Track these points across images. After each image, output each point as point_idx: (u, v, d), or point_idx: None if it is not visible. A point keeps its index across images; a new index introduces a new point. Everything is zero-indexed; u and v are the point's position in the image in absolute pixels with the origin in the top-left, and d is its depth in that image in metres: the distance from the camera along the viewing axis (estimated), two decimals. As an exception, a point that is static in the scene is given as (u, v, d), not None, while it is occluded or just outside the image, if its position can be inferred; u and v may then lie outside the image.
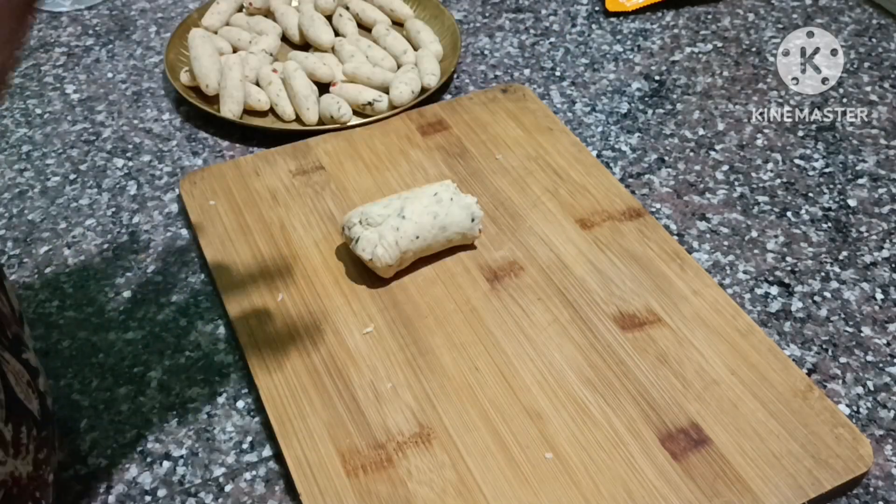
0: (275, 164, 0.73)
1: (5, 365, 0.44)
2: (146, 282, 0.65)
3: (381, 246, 0.60)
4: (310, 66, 0.80)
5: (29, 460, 0.44)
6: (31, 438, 0.44)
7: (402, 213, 0.61)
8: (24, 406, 0.44)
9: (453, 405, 0.54)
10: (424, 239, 0.61)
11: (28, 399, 0.45)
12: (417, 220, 0.61)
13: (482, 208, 0.65)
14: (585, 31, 0.92)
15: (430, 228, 0.61)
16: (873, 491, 0.52)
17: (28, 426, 0.44)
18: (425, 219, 0.61)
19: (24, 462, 0.43)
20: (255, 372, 0.56)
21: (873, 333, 0.61)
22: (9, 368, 0.44)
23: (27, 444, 0.44)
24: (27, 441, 0.44)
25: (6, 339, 0.46)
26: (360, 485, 0.50)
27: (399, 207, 0.61)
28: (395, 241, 0.60)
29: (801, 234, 0.68)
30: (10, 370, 0.45)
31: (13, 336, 0.47)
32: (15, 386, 0.44)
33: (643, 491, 0.50)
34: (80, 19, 0.95)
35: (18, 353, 0.47)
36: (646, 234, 0.66)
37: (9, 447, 0.42)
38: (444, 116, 0.77)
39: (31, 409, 0.45)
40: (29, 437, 0.44)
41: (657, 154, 0.76)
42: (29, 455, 0.44)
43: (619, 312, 0.60)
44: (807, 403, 0.54)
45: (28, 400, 0.45)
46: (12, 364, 0.45)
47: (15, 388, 0.44)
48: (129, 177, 0.75)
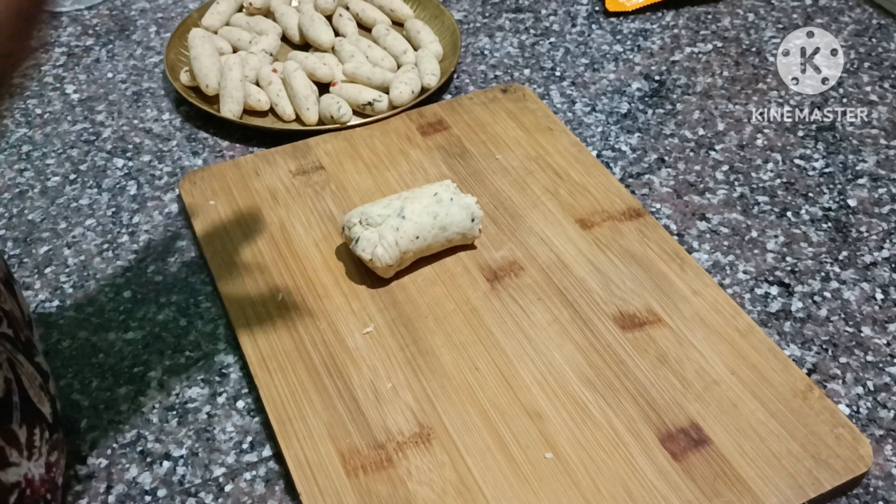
0: (275, 164, 0.73)
1: (19, 368, 0.44)
2: (146, 282, 0.65)
3: (380, 246, 0.60)
4: (310, 66, 0.80)
5: (41, 462, 0.44)
6: (43, 441, 0.44)
7: (402, 214, 0.61)
8: (37, 408, 0.44)
9: (453, 405, 0.54)
10: (424, 239, 0.61)
11: (41, 402, 0.45)
12: (417, 221, 0.61)
13: (482, 208, 0.65)
14: (585, 31, 0.92)
15: (430, 228, 0.61)
16: (873, 491, 0.52)
17: (41, 428, 0.44)
18: (425, 219, 0.61)
19: (36, 464, 0.43)
20: (255, 372, 0.56)
21: (873, 333, 0.61)
22: (23, 371, 0.44)
23: (39, 446, 0.44)
24: (40, 443, 0.44)
25: (20, 343, 0.46)
26: (360, 485, 0.50)
27: (399, 207, 0.61)
28: (394, 241, 0.60)
29: (801, 234, 0.68)
30: (24, 373, 0.45)
31: (26, 339, 0.47)
32: (28, 389, 0.44)
33: (643, 491, 0.50)
34: (80, 19, 0.95)
35: (31, 357, 0.47)
36: (646, 234, 0.66)
37: (23, 449, 0.42)
38: (444, 116, 0.77)
39: (43, 411, 0.45)
40: (41, 439, 0.44)
41: (657, 154, 0.76)
42: (41, 458, 0.44)
43: (619, 312, 0.60)
44: (807, 403, 0.54)
45: (41, 403, 0.45)
46: (26, 367, 0.45)
47: (28, 390, 0.44)
48: (129, 177, 0.75)
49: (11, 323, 0.46)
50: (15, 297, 0.48)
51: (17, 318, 0.47)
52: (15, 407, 0.42)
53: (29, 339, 0.48)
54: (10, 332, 0.46)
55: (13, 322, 0.47)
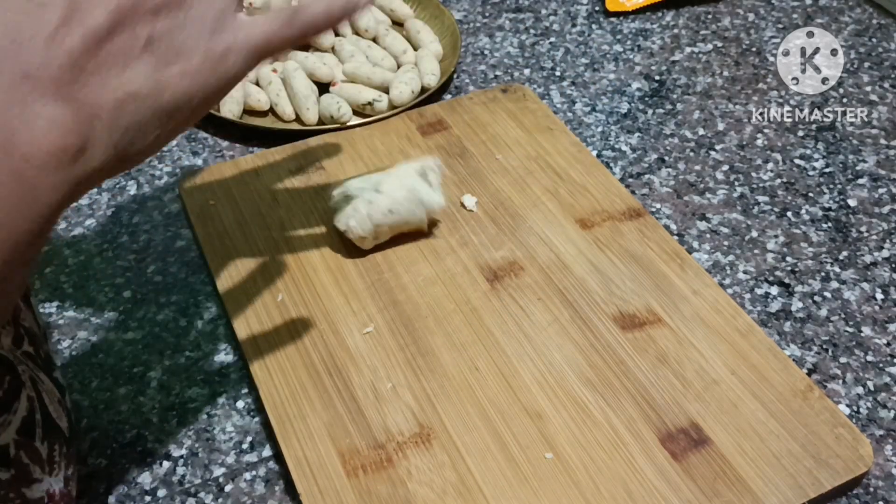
0: (275, 164, 0.73)
1: (40, 385, 0.44)
2: (146, 282, 0.65)
3: (353, 218, 0.61)
4: (310, 66, 0.80)
5: (61, 477, 0.44)
6: (62, 455, 0.44)
7: (378, 188, 0.63)
8: (56, 424, 0.44)
9: (453, 405, 0.54)
10: (399, 213, 0.62)
11: (59, 417, 0.45)
12: (392, 195, 0.62)
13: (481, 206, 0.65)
14: (585, 31, 0.92)
15: (405, 203, 0.62)
16: (873, 491, 0.52)
17: (60, 444, 0.44)
18: (400, 193, 0.62)
19: (56, 479, 0.43)
20: (255, 372, 0.56)
21: (873, 333, 0.61)
22: (43, 388, 0.44)
23: (59, 461, 0.44)
24: (59, 459, 0.44)
25: (40, 359, 0.46)
26: (360, 485, 0.50)
27: (377, 182, 0.63)
28: (367, 214, 0.61)
29: (801, 234, 0.68)
30: (45, 390, 0.44)
31: (45, 355, 0.47)
32: (49, 405, 0.44)
33: (643, 491, 0.50)
34: (80, 19, 0.95)
35: (50, 372, 0.47)
36: (646, 234, 0.66)
37: (44, 465, 0.42)
38: (444, 116, 0.77)
39: (61, 426, 0.45)
40: (60, 454, 0.44)
41: (657, 154, 0.76)
42: (60, 472, 0.44)
43: (619, 312, 0.60)
44: (807, 403, 0.54)
45: (59, 418, 0.45)
46: (46, 384, 0.45)
47: (48, 406, 0.44)
48: (129, 177, 0.75)
49: (32, 340, 0.46)
50: (32, 312, 0.48)
51: (35, 333, 0.47)
52: (37, 424, 0.42)
53: (48, 355, 0.48)
54: (31, 349, 0.46)
55: (34, 339, 0.47)
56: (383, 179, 0.63)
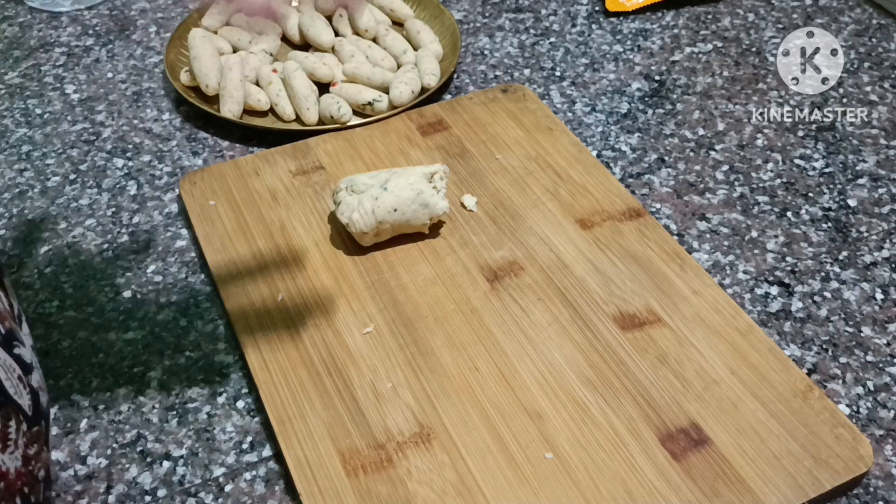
0: (275, 164, 0.73)
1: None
2: (146, 282, 0.65)
3: (357, 212, 0.61)
4: (310, 66, 0.80)
5: (17, 455, 0.44)
6: (20, 433, 0.44)
7: (386, 186, 0.63)
8: (13, 400, 0.44)
9: (453, 405, 0.54)
10: (403, 213, 0.62)
11: (18, 394, 0.45)
12: (399, 194, 0.62)
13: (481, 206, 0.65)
14: (585, 31, 0.92)
15: (410, 204, 0.62)
16: (873, 491, 0.52)
17: (17, 420, 0.44)
18: (407, 194, 0.62)
19: (11, 457, 0.43)
20: (255, 372, 0.56)
21: (873, 333, 0.61)
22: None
23: (15, 438, 0.44)
24: (16, 436, 0.44)
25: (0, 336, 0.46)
26: (360, 485, 0.50)
27: (385, 179, 0.63)
28: (371, 210, 0.62)
29: (801, 234, 0.68)
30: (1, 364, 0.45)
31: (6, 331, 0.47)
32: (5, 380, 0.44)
33: (643, 491, 0.50)
34: (80, 19, 0.95)
35: (10, 348, 0.47)
36: (646, 234, 0.66)
37: None
38: (444, 116, 0.77)
39: (21, 403, 0.45)
40: (18, 431, 0.44)
41: (657, 154, 0.76)
42: (17, 450, 0.44)
43: (619, 312, 0.60)
44: (807, 403, 0.54)
45: (18, 395, 0.45)
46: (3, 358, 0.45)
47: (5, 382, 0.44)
48: (129, 177, 0.75)
49: None
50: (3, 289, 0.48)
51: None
52: None
53: (11, 331, 0.48)
54: None
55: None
56: (391, 178, 0.63)
